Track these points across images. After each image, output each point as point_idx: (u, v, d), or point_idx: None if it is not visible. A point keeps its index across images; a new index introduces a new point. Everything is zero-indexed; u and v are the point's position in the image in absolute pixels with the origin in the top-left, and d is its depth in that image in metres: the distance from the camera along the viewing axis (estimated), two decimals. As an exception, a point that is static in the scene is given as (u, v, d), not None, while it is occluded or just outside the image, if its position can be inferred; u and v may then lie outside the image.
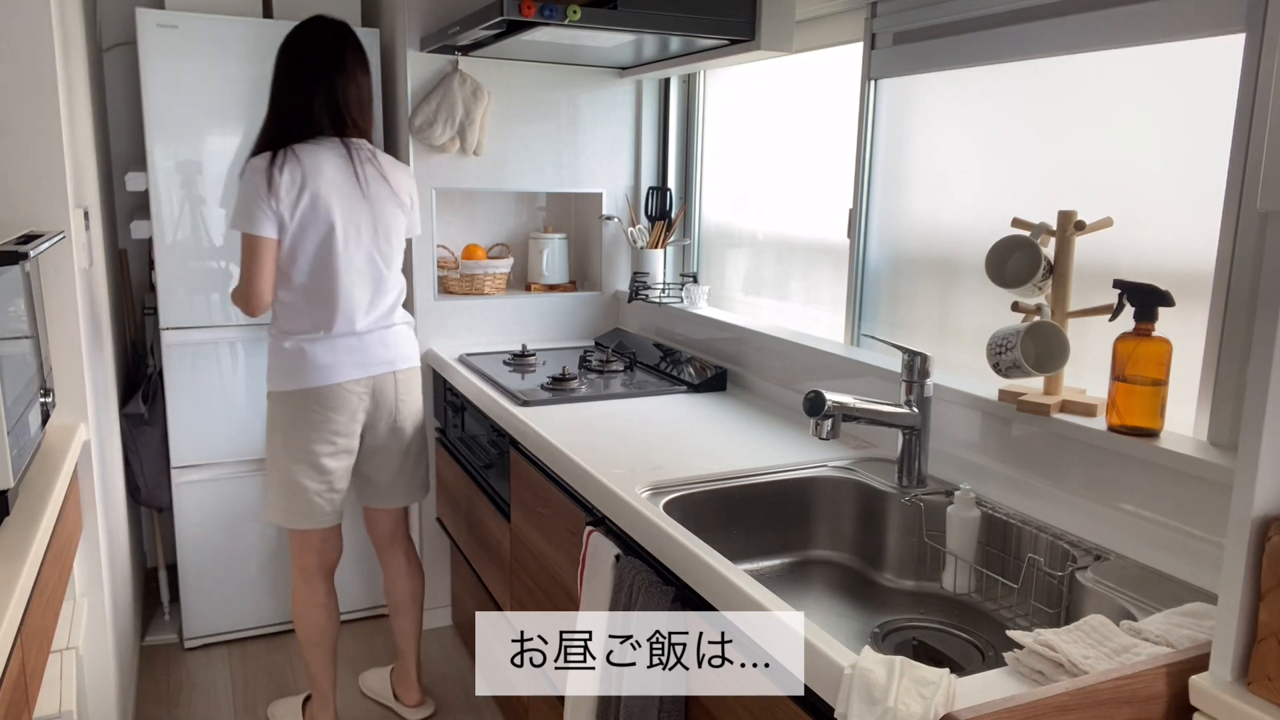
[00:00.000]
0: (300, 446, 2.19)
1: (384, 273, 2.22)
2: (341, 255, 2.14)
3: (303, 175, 2.08)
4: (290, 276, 2.14)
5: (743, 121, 2.66)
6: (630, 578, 1.46)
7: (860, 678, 0.99)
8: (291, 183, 2.06)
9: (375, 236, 2.19)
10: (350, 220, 2.14)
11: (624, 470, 1.70)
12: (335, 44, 2.13)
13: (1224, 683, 0.91)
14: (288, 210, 2.07)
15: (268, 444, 2.26)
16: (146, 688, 2.66)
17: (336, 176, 2.12)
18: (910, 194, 2.00)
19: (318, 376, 2.16)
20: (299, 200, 2.07)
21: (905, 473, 1.66)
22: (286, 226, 2.09)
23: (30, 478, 1.61)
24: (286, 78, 2.13)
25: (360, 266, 2.17)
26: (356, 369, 2.19)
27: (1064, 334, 1.52)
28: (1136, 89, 1.52)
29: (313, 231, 2.11)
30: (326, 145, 2.13)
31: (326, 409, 2.18)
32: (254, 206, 2.05)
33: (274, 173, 2.05)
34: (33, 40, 1.79)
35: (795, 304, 2.45)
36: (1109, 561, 1.33)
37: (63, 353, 1.91)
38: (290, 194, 2.06)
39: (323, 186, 2.10)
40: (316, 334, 2.16)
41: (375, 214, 2.18)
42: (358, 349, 2.20)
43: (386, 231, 2.21)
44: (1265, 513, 0.89)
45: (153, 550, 3.28)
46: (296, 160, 2.08)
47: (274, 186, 2.04)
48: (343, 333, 2.17)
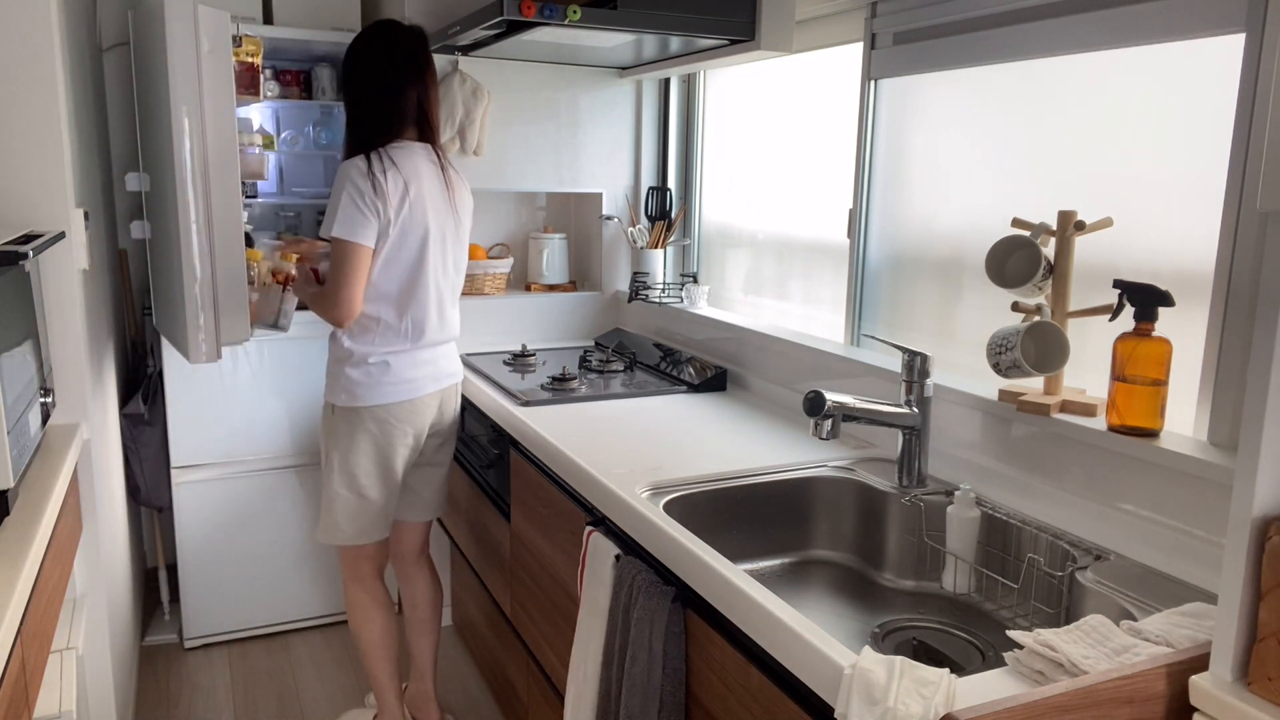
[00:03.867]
0: (376, 461, 2.12)
1: (457, 282, 2.19)
2: (435, 265, 2.09)
3: (404, 180, 2.01)
4: (378, 286, 2.05)
5: (743, 121, 2.66)
6: (630, 578, 1.46)
7: (860, 678, 0.99)
8: (395, 187, 2.00)
9: (457, 246, 2.16)
10: (441, 229, 2.10)
11: (624, 470, 1.70)
12: (424, 49, 2.09)
13: (1224, 683, 0.91)
14: (394, 215, 2.00)
15: (326, 461, 2.15)
16: (146, 688, 2.66)
17: (431, 183, 2.07)
18: (910, 194, 2.00)
19: (402, 391, 2.10)
20: (402, 206, 2.01)
21: (905, 473, 1.66)
22: (387, 234, 2.01)
23: (30, 478, 1.61)
24: (376, 77, 2.05)
25: (450, 277, 2.15)
26: (433, 382, 2.15)
27: (1064, 334, 1.52)
28: (1136, 89, 1.52)
29: (411, 239, 2.04)
30: (417, 150, 2.07)
31: (406, 423, 2.12)
32: (355, 212, 1.97)
33: (377, 177, 1.98)
34: (33, 40, 1.79)
35: (795, 304, 2.45)
36: (1109, 561, 1.33)
37: (63, 353, 1.91)
38: (395, 199, 2.00)
39: (424, 192, 2.05)
40: (402, 346, 2.09)
41: (458, 223, 2.15)
42: (432, 362, 2.15)
43: (461, 239, 2.18)
44: (1265, 513, 0.89)
45: (153, 550, 3.28)
46: (394, 164, 2.01)
47: (380, 191, 1.98)
48: (425, 345, 2.12)
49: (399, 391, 2.10)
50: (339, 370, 2.11)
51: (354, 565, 2.24)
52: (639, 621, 1.41)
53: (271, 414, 2.81)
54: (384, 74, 2.05)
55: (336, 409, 2.12)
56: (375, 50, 2.06)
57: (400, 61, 2.05)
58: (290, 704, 2.59)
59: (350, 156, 2.02)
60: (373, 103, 2.06)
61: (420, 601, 2.39)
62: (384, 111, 2.06)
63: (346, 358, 2.09)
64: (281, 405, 2.82)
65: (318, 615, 2.99)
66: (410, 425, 2.14)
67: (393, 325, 2.08)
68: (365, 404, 2.09)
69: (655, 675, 1.37)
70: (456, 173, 2.18)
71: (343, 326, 2.04)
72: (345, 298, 2.00)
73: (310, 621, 2.99)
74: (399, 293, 2.07)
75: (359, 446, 2.11)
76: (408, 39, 2.07)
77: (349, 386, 2.09)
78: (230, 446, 2.78)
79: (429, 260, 2.07)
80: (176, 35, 2.06)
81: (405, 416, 2.12)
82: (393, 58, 2.05)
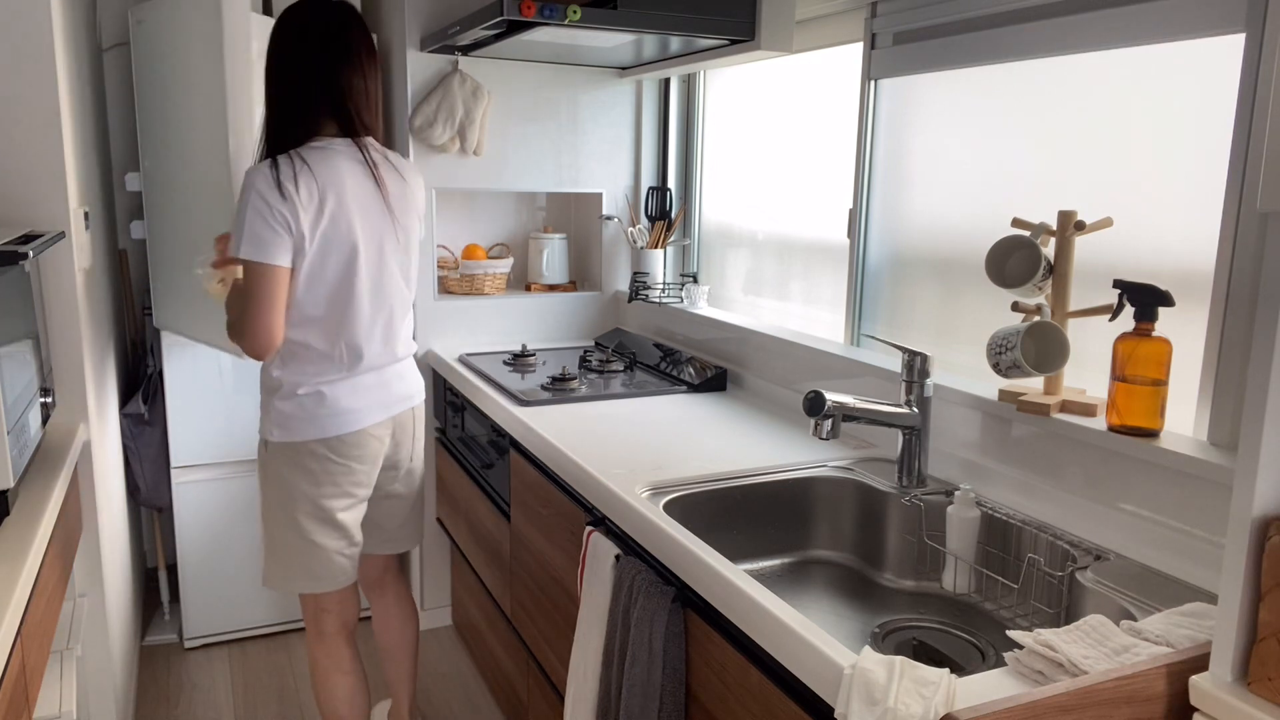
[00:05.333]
0: (316, 502, 1.87)
1: (406, 295, 1.93)
2: (366, 281, 1.82)
3: (319, 186, 1.73)
4: (303, 309, 1.79)
5: (743, 121, 2.66)
6: (630, 578, 1.46)
7: (860, 678, 0.99)
8: (309, 196, 1.72)
9: (398, 253, 1.88)
10: (373, 238, 1.83)
11: (624, 470, 1.70)
12: (338, 27, 1.78)
13: (1224, 683, 0.91)
14: (308, 229, 1.73)
15: (265, 502, 1.91)
16: (146, 688, 2.66)
17: (356, 186, 1.79)
18: (910, 194, 2.00)
19: (340, 423, 1.84)
20: (320, 217, 1.74)
21: (905, 473, 1.66)
22: (304, 250, 1.74)
23: (30, 478, 1.61)
24: (283, 68, 1.78)
25: (386, 291, 1.87)
26: (380, 410, 1.90)
27: (1064, 334, 1.52)
28: (1136, 89, 1.52)
29: (336, 255, 1.77)
30: (338, 148, 1.79)
31: (348, 459, 1.87)
32: (264, 228, 1.69)
33: (285, 185, 1.69)
34: (33, 40, 1.79)
35: (795, 304, 2.45)
36: (1109, 561, 1.33)
37: (63, 353, 1.91)
38: (310, 210, 1.72)
39: (346, 199, 1.77)
40: (337, 374, 1.84)
41: (397, 227, 1.87)
42: (379, 386, 1.90)
43: (407, 245, 1.91)
44: (1265, 513, 0.89)
45: (153, 550, 3.28)
46: (308, 168, 1.73)
47: (290, 201, 1.69)
48: (366, 369, 1.87)
49: (339, 424, 1.84)
50: (269, 402, 1.86)
51: (314, 619, 2.00)
52: (639, 621, 1.41)
53: (271, 414, 2.81)
54: (293, 62, 1.78)
55: (270, 444, 1.87)
56: (286, 35, 1.79)
57: (313, 46, 1.77)
58: (290, 704, 2.59)
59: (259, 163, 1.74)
60: (282, 97, 1.79)
61: (385, 630, 2.20)
62: (294, 106, 1.78)
63: (276, 389, 1.84)
64: (281, 405, 2.81)
65: (318, 615, 2.99)
66: (356, 461, 1.88)
67: (324, 351, 1.82)
68: (301, 439, 1.83)
69: (655, 675, 1.37)
70: (396, 167, 1.89)
71: (262, 358, 1.75)
72: (261, 327, 1.72)
73: (310, 621, 2.99)
74: (327, 315, 1.80)
75: (298, 486, 1.86)
76: (323, 17, 1.78)
77: (281, 420, 1.84)
78: (230, 446, 2.78)
79: (360, 276, 1.81)
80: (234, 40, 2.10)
81: (348, 451, 1.87)
82: (304, 42, 1.77)
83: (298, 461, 1.85)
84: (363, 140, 1.84)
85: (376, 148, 1.87)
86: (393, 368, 1.94)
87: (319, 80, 1.78)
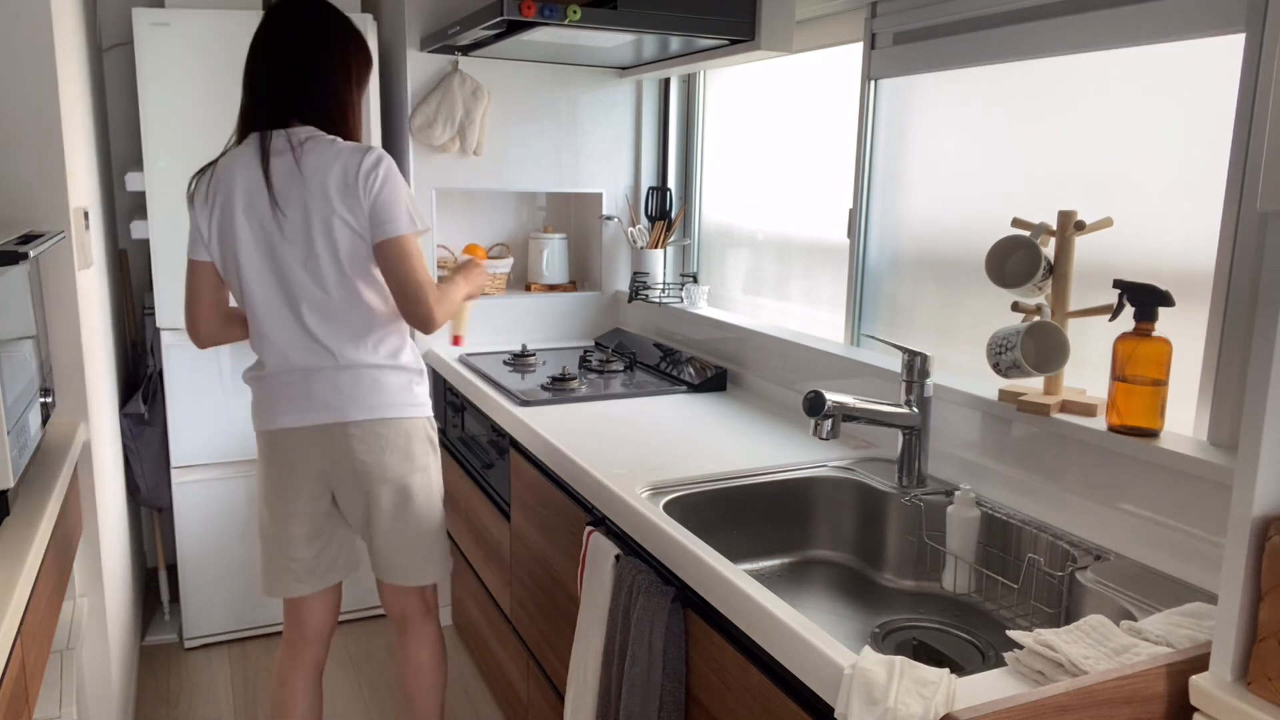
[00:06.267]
0: (265, 491, 1.86)
1: (321, 295, 1.74)
2: (254, 275, 1.75)
3: (214, 184, 1.75)
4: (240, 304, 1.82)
5: (743, 121, 2.66)
6: (630, 578, 1.46)
7: (860, 678, 0.99)
8: (205, 197, 1.76)
9: (298, 247, 1.72)
10: (261, 231, 1.73)
11: (624, 470, 1.70)
12: (267, 18, 1.76)
13: (1224, 683, 0.91)
14: (205, 228, 1.77)
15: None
16: (146, 688, 2.66)
17: (245, 179, 1.73)
18: (910, 194, 2.00)
19: (258, 419, 1.83)
20: (212, 215, 1.76)
21: (905, 473, 1.66)
22: (210, 248, 1.78)
23: (30, 478, 1.61)
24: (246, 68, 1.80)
25: (289, 288, 1.75)
26: (296, 414, 1.77)
27: (1064, 334, 1.52)
28: (1136, 89, 1.52)
29: (228, 250, 1.76)
30: (248, 144, 1.76)
31: (266, 459, 1.83)
32: (191, 227, 1.80)
33: (191, 187, 1.79)
34: (33, 40, 1.79)
35: (795, 304, 2.45)
36: (1109, 561, 1.33)
37: (63, 353, 1.91)
38: (205, 210, 1.76)
39: (234, 195, 1.73)
40: (260, 369, 1.81)
41: (294, 220, 1.71)
42: (301, 395, 1.77)
43: (315, 241, 1.72)
44: (1265, 513, 0.89)
45: (153, 550, 3.28)
46: (213, 169, 1.77)
47: (193, 202, 1.77)
48: (279, 369, 1.78)
49: (260, 419, 1.82)
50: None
51: (285, 623, 1.96)
52: (639, 621, 1.41)
53: (271, 414, 2.81)
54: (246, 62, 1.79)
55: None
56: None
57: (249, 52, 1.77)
58: (290, 704, 2.59)
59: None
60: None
61: (402, 671, 2.03)
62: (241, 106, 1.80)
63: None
64: (281, 405, 2.81)
65: (318, 615, 2.99)
66: (269, 465, 1.83)
67: (253, 344, 1.83)
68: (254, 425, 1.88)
69: (655, 675, 1.37)
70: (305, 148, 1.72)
71: (198, 346, 1.86)
72: (186, 316, 1.84)
73: (310, 621, 2.98)
74: (247, 311, 1.81)
75: (258, 468, 1.90)
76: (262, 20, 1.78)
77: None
78: (230, 446, 2.78)
79: (245, 271, 1.75)
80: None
81: (268, 451, 1.83)
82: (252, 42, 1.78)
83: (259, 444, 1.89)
84: (271, 131, 1.74)
85: (298, 135, 1.73)
86: (323, 373, 1.76)
87: (244, 80, 1.78)
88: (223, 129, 2.63)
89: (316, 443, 1.79)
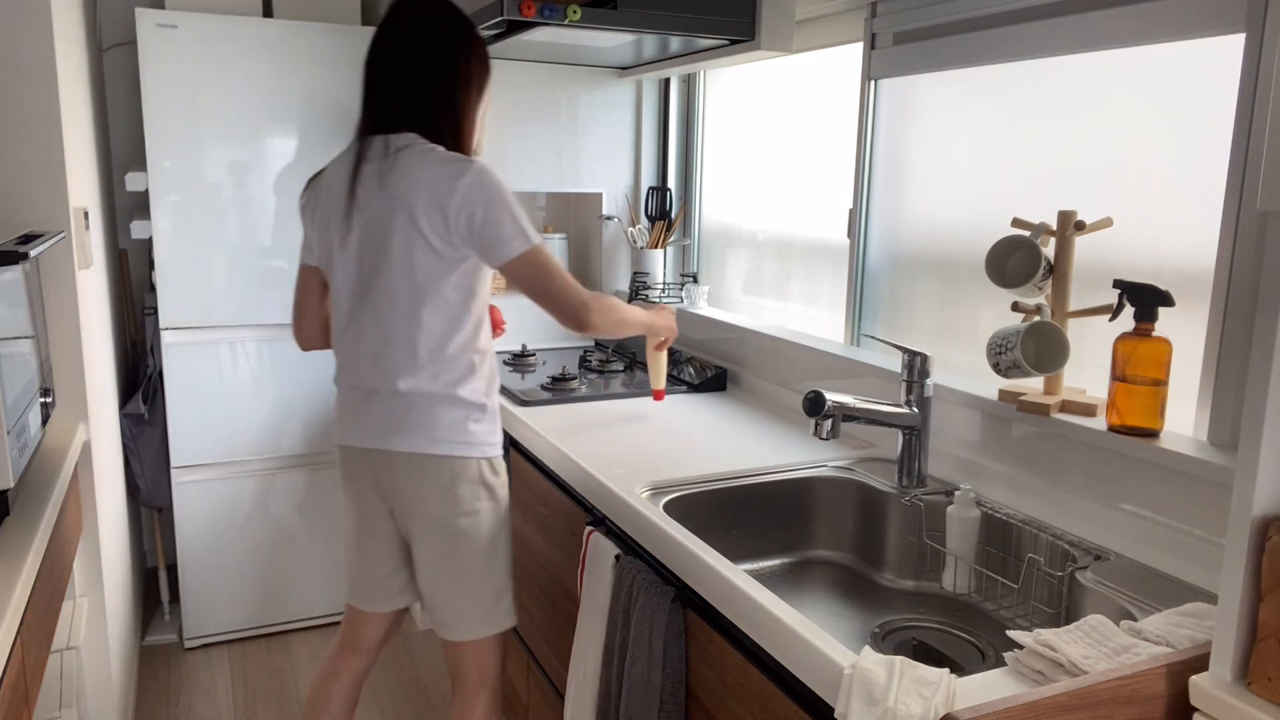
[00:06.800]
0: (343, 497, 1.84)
1: (388, 314, 1.63)
2: (338, 287, 1.70)
3: (318, 190, 1.71)
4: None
5: (743, 121, 2.66)
6: (630, 578, 1.46)
7: (860, 678, 0.99)
8: (307, 202, 1.74)
9: (374, 263, 1.63)
10: (341, 243, 1.67)
11: (624, 470, 1.70)
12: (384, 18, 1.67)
13: (1224, 683, 0.91)
14: (309, 233, 1.75)
15: None
16: (146, 688, 2.66)
17: (336, 186, 1.68)
18: (910, 194, 2.00)
19: (334, 429, 1.81)
20: (314, 221, 1.72)
21: (905, 473, 1.66)
22: (314, 251, 1.75)
23: (30, 478, 1.61)
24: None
25: (361, 305, 1.66)
26: (354, 433, 1.70)
27: (1064, 334, 1.52)
28: (1136, 89, 1.52)
29: (325, 258, 1.72)
30: (350, 148, 1.70)
31: (339, 471, 1.80)
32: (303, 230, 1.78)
33: (302, 193, 1.77)
34: (33, 40, 1.79)
35: (795, 304, 2.45)
36: (1109, 561, 1.33)
37: (63, 353, 1.91)
38: (309, 215, 1.73)
39: (327, 203, 1.69)
40: (337, 380, 1.76)
41: (366, 234, 1.63)
42: (360, 411, 1.69)
43: (391, 258, 1.61)
44: (1265, 513, 0.89)
45: (153, 550, 3.28)
46: (320, 175, 1.74)
47: (302, 207, 1.76)
48: (347, 384, 1.71)
49: (335, 430, 1.79)
50: None
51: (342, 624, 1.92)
52: (639, 621, 1.41)
53: (271, 414, 2.81)
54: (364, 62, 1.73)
55: None
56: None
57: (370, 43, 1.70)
58: (290, 704, 2.59)
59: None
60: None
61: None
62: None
63: None
64: (282, 405, 2.82)
65: (318, 615, 2.99)
66: (349, 477, 1.76)
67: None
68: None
69: (655, 675, 1.37)
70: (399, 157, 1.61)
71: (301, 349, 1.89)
72: (292, 320, 1.84)
73: (310, 621, 2.99)
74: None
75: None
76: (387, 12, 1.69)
77: None
78: (230, 446, 2.78)
79: (334, 286, 1.70)
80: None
81: (342, 464, 1.77)
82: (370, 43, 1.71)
83: None
84: (372, 137, 1.65)
85: (396, 142, 1.63)
86: (381, 396, 1.66)
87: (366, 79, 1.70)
88: (226, 131, 2.64)
89: (369, 465, 1.70)
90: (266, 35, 2.64)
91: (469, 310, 1.65)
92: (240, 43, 2.61)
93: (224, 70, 2.61)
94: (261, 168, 2.70)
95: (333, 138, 2.77)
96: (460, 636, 1.74)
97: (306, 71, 2.70)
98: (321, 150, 2.76)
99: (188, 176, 2.62)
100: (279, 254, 2.76)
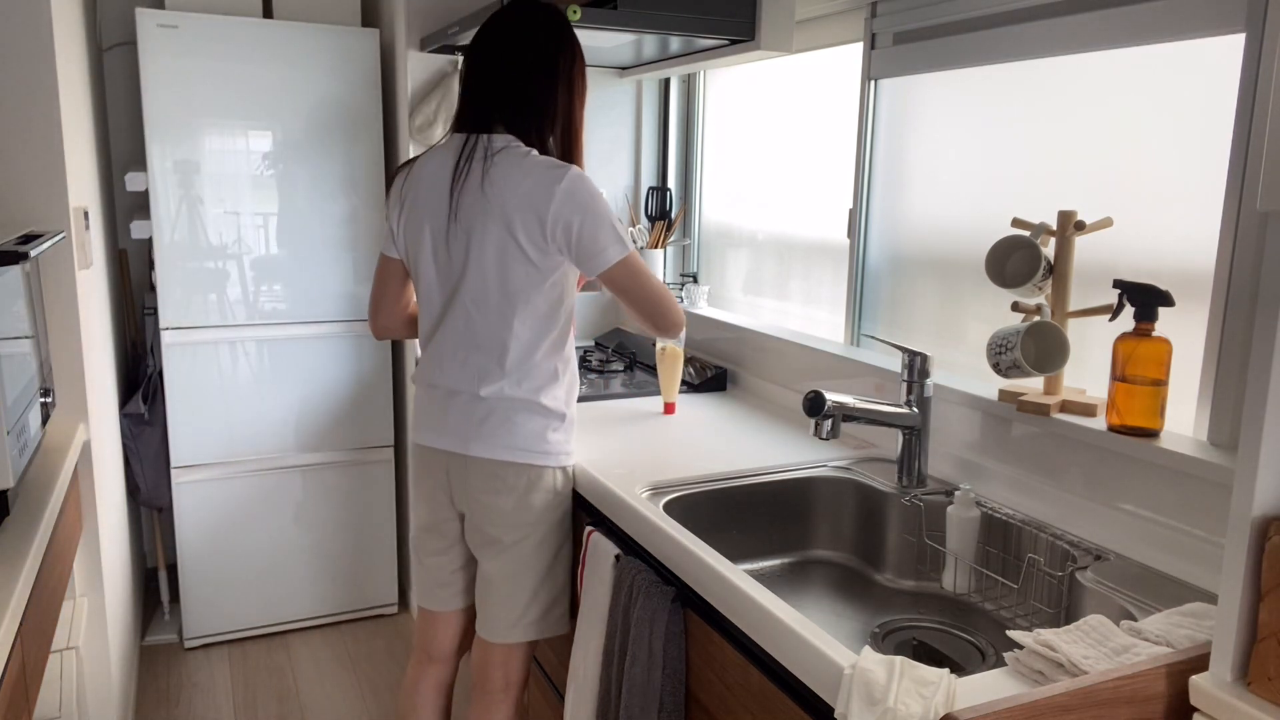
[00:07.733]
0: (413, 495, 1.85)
1: (477, 318, 1.63)
2: (425, 283, 1.69)
3: (408, 183, 1.70)
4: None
5: (743, 121, 2.66)
6: (630, 578, 1.46)
7: (860, 678, 0.99)
8: (397, 195, 1.72)
9: (465, 264, 1.62)
10: (437, 240, 1.65)
11: (624, 470, 1.70)
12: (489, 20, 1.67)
13: (1224, 683, 0.91)
14: (394, 225, 1.72)
15: None
16: (146, 688, 2.66)
17: (434, 184, 1.65)
18: (910, 194, 2.00)
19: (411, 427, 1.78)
20: (402, 213, 1.70)
21: (905, 473, 1.66)
22: (397, 244, 1.73)
23: (30, 478, 1.61)
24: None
25: (450, 305, 1.66)
26: (432, 434, 1.70)
27: (1064, 334, 1.52)
28: (1136, 89, 1.52)
29: (412, 252, 1.70)
30: (449, 143, 1.67)
31: (411, 467, 1.78)
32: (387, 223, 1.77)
33: (393, 185, 1.75)
34: (33, 40, 1.79)
35: (795, 304, 2.45)
36: (1109, 561, 1.33)
37: (63, 353, 1.91)
38: (396, 208, 1.71)
39: (420, 198, 1.67)
40: (418, 376, 1.75)
41: (467, 236, 1.61)
42: (439, 411, 1.69)
43: (485, 261, 1.60)
44: (1265, 513, 0.89)
45: (153, 550, 3.28)
46: (410, 165, 1.72)
47: (390, 201, 1.74)
48: (429, 382, 1.71)
49: (411, 428, 1.78)
50: None
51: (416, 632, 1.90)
52: (639, 621, 1.41)
53: (271, 413, 2.81)
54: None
55: None
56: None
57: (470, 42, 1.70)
58: (290, 704, 2.59)
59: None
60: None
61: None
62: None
63: None
64: (282, 405, 2.82)
65: (318, 615, 2.99)
66: (422, 475, 1.76)
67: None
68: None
69: (655, 675, 1.37)
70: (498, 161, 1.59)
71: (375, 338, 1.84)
72: (370, 307, 1.84)
73: (310, 621, 2.99)
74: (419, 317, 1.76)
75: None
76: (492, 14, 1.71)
77: None
78: (230, 446, 2.78)
79: (421, 282, 1.70)
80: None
81: (415, 461, 1.78)
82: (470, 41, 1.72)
83: None
84: (473, 135, 1.63)
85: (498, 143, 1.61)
86: (462, 398, 1.66)
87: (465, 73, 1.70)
88: (226, 131, 2.64)
89: (444, 467, 1.71)
90: (267, 36, 2.64)
91: (557, 317, 1.65)
92: (240, 43, 2.61)
93: (224, 71, 2.61)
94: (262, 168, 2.70)
95: (332, 138, 2.77)
96: (501, 638, 1.72)
97: (307, 72, 2.70)
98: (321, 150, 2.76)
99: (188, 176, 2.62)
100: (279, 254, 2.76)
